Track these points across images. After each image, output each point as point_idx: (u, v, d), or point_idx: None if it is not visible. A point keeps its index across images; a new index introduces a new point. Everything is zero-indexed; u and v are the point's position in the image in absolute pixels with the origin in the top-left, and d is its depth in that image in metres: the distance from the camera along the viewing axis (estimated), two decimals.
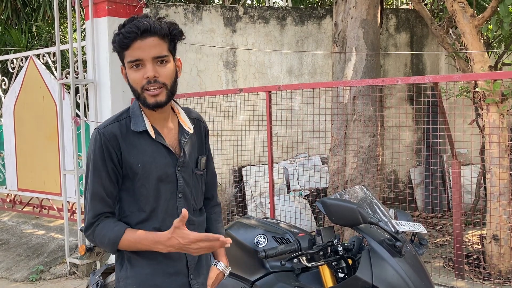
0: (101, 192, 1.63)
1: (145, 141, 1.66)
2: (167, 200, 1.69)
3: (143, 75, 1.57)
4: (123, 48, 1.58)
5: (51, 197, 5.82)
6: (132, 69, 1.59)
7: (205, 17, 5.88)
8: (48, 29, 9.15)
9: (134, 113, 1.68)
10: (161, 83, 1.59)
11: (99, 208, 1.64)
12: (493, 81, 3.47)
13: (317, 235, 2.12)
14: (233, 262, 2.42)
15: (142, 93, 1.60)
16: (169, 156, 1.68)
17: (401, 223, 2.07)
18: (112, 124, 1.65)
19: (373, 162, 4.44)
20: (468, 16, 3.81)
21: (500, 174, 3.58)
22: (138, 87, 1.59)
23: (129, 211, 1.68)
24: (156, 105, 1.61)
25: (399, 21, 6.69)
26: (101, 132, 1.63)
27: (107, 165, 1.62)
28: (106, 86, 5.13)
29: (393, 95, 5.68)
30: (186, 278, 1.72)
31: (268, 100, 4.21)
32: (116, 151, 1.63)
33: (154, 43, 1.58)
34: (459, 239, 3.58)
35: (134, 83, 1.60)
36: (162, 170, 1.66)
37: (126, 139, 1.64)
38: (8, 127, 6.27)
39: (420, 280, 1.96)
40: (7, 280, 4.90)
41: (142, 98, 1.61)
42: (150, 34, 1.57)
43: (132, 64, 1.58)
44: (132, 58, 1.57)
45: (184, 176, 1.71)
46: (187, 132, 1.74)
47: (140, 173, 1.65)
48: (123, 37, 1.56)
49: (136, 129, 1.65)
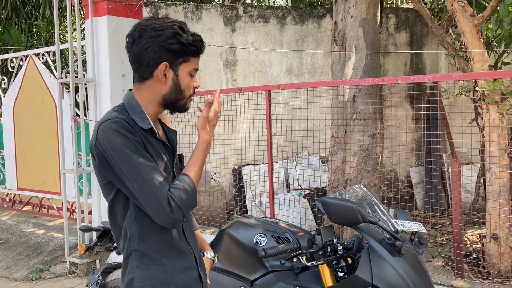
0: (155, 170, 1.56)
1: (151, 138, 1.67)
2: None
3: (193, 83, 1.71)
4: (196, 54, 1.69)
5: (50, 196, 5.82)
6: (189, 76, 1.69)
7: (205, 16, 5.88)
8: (48, 28, 9.15)
9: (135, 110, 1.65)
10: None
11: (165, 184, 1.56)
12: (493, 80, 3.47)
13: (317, 234, 2.12)
14: (233, 261, 2.43)
15: (187, 98, 1.72)
16: (167, 152, 1.73)
17: (400, 222, 2.07)
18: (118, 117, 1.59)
19: (373, 162, 4.44)
20: (468, 15, 3.81)
21: (499, 173, 3.58)
22: (188, 93, 1.71)
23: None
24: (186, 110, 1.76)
25: (399, 20, 6.69)
26: (117, 121, 1.56)
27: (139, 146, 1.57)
28: (105, 85, 5.13)
29: (393, 95, 5.68)
30: (197, 271, 1.77)
31: (268, 99, 4.21)
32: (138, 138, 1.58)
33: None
34: (458, 238, 3.58)
35: (187, 89, 1.70)
36: (166, 166, 1.70)
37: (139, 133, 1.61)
38: (7, 126, 6.27)
39: (420, 279, 1.96)
40: (7, 279, 4.91)
41: (184, 102, 1.72)
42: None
43: (194, 72, 1.70)
44: (197, 67, 1.71)
45: (176, 172, 1.77)
46: (174, 130, 1.82)
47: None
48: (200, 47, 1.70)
49: (143, 126, 1.63)
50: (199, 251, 1.87)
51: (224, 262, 2.45)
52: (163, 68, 1.63)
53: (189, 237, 1.78)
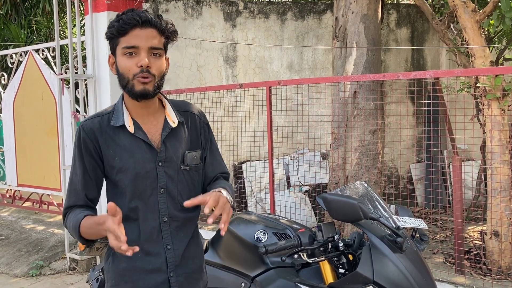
0: (75, 185, 1.68)
1: (124, 136, 1.65)
2: (148, 196, 1.66)
3: (137, 63, 1.57)
4: (120, 33, 1.57)
5: (50, 192, 5.81)
6: (125, 56, 1.58)
7: (205, 11, 5.86)
8: (48, 24, 9.12)
9: (117, 108, 1.69)
10: (151, 74, 1.59)
11: (72, 201, 1.69)
12: (494, 77, 3.46)
13: (318, 231, 2.11)
14: (233, 258, 2.42)
15: (131, 80, 1.59)
16: (149, 151, 1.66)
17: (401, 219, 2.06)
18: (92, 119, 1.68)
19: (374, 158, 4.43)
20: (469, 11, 3.79)
21: (501, 169, 3.57)
22: (130, 74, 1.58)
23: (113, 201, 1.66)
24: (143, 93, 1.59)
25: (400, 16, 6.66)
26: (81, 127, 1.68)
27: (84, 159, 1.66)
28: (105, 81, 5.12)
29: (394, 91, 5.66)
30: (165, 275, 1.68)
31: (268, 95, 4.19)
32: (95, 144, 1.65)
33: (152, 34, 1.59)
34: (459, 234, 3.58)
35: (125, 70, 1.59)
36: (141, 165, 1.65)
37: (106, 133, 1.65)
38: (7, 122, 6.26)
39: (421, 276, 1.95)
40: (7, 276, 4.91)
41: (130, 85, 1.59)
42: (150, 25, 1.58)
43: (126, 50, 1.57)
44: (128, 44, 1.57)
45: (167, 171, 1.68)
46: (170, 126, 1.70)
47: (117, 167, 1.65)
48: (123, 23, 1.56)
49: (115, 123, 1.65)
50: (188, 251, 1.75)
51: (224, 258, 2.44)
52: (109, 60, 1.68)
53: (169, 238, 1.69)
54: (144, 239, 1.66)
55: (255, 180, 5.41)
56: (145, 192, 1.66)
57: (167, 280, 1.68)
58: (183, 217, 1.73)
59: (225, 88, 5.00)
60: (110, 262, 1.73)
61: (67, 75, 4.93)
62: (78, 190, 1.68)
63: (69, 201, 1.69)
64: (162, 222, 1.68)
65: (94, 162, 1.66)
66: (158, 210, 1.67)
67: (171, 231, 1.69)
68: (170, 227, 1.69)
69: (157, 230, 1.67)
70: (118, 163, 1.64)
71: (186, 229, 1.75)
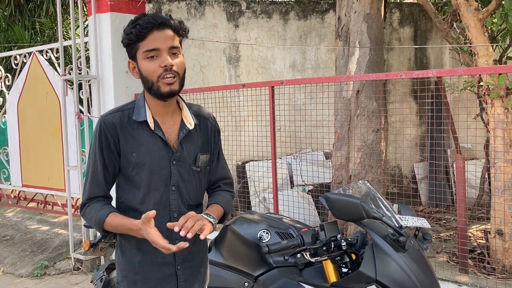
0: (97, 177, 1.73)
1: (143, 132, 1.72)
2: (160, 191, 1.74)
3: (160, 64, 1.63)
4: (139, 38, 1.63)
5: (55, 193, 5.83)
6: (147, 59, 1.64)
7: (208, 12, 5.87)
8: (51, 25, 9.16)
9: (138, 104, 1.75)
10: (176, 72, 1.66)
11: (93, 192, 1.74)
12: (497, 75, 3.45)
13: (321, 230, 2.11)
14: (237, 257, 2.43)
15: (157, 82, 1.65)
16: (165, 149, 1.73)
17: (404, 218, 2.06)
18: (114, 114, 1.73)
19: (377, 157, 4.43)
20: (472, 10, 3.78)
21: (504, 168, 3.57)
22: (155, 76, 1.64)
23: (124, 197, 1.77)
24: (171, 94, 1.67)
25: (402, 15, 6.65)
26: (102, 120, 1.72)
27: (104, 152, 1.71)
28: (109, 81, 5.13)
29: (397, 90, 5.65)
30: (173, 268, 1.77)
31: (271, 95, 4.20)
32: (115, 139, 1.71)
33: (169, 34, 1.66)
34: (463, 233, 3.57)
35: (149, 73, 1.65)
36: (156, 162, 1.71)
37: (126, 128, 1.71)
38: (12, 123, 6.29)
39: (424, 275, 1.95)
40: (12, 276, 4.93)
41: (156, 87, 1.66)
42: (166, 26, 1.65)
43: (148, 54, 1.63)
44: (149, 48, 1.63)
45: (179, 170, 1.75)
46: (187, 128, 1.78)
47: (134, 162, 1.71)
48: (141, 28, 1.62)
49: (137, 118, 1.71)
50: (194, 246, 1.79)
51: (227, 258, 2.45)
52: (129, 65, 1.75)
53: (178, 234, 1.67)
54: None
55: (258, 180, 5.41)
56: (159, 188, 1.73)
57: (174, 273, 1.77)
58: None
59: (228, 88, 5.01)
60: (119, 255, 1.81)
61: (71, 76, 4.95)
62: (100, 181, 1.73)
63: (90, 192, 1.74)
64: (172, 218, 1.74)
65: (112, 156, 1.72)
66: (169, 206, 1.75)
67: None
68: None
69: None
70: (135, 159, 1.71)
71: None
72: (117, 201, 1.81)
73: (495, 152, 3.62)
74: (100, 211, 1.70)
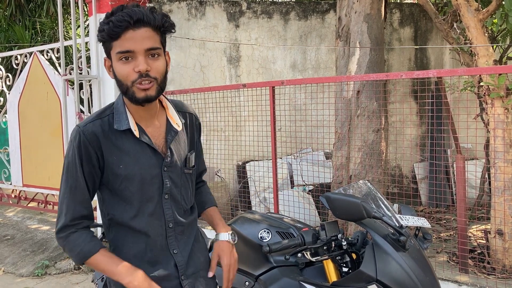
0: (81, 193, 1.54)
1: (128, 141, 1.55)
2: (153, 202, 1.60)
3: (134, 68, 1.46)
4: (112, 37, 1.45)
5: (55, 192, 5.84)
6: (121, 61, 1.47)
7: (208, 12, 5.87)
8: (52, 25, 9.17)
9: (118, 110, 1.57)
10: (152, 78, 1.47)
11: (78, 211, 1.54)
12: (498, 75, 3.46)
13: (321, 230, 2.12)
14: (237, 257, 2.43)
15: (131, 87, 1.48)
16: (154, 156, 1.58)
17: (405, 218, 2.07)
18: (93, 122, 1.54)
19: (377, 157, 4.44)
20: (472, 10, 3.78)
21: (504, 168, 3.57)
22: (128, 81, 1.47)
23: (112, 213, 1.60)
24: (146, 100, 1.49)
25: (403, 16, 6.66)
26: (81, 131, 1.53)
27: (84, 167, 1.53)
28: (109, 81, 5.14)
29: (397, 90, 5.66)
30: (177, 280, 1.64)
31: (272, 95, 4.20)
32: (97, 151, 1.53)
33: (147, 34, 1.45)
34: (463, 233, 3.57)
35: (123, 77, 1.48)
36: (147, 172, 1.57)
37: (108, 138, 1.54)
38: (12, 123, 6.30)
39: (424, 275, 1.96)
40: (13, 275, 4.94)
41: (131, 92, 1.49)
42: (143, 24, 1.45)
43: (121, 55, 1.45)
44: (122, 49, 1.44)
45: (171, 176, 1.62)
46: (175, 129, 1.63)
47: (122, 175, 1.55)
48: (114, 26, 1.43)
49: (119, 127, 1.53)
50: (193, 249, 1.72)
51: None
52: (105, 63, 1.58)
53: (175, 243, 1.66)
54: (151, 248, 1.61)
55: (259, 180, 5.42)
56: (152, 199, 1.60)
57: (179, 284, 1.65)
58: (186, 221, 1.70)
59: (229, 88, 5.02)
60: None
61: (72, 75, 4.96)
62: (85, 198, 1.55)
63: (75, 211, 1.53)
64: (168, 228, 1.63)
65: (93, 172, 1.54)
66: (163, 216, 1.62)
67: (176, 236, 1.66)
68: (175, 232, 1.66)
69: (163, 237, 1.63)
70: (123, 171, 1.55)
71: (189, 231, 1.73)
72: (104, 218, 1.63)
73: (495, 152, 3.62)
74: (90, 243, 1.52)
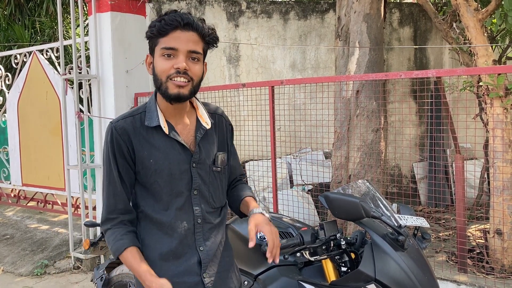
0: (114, 186, 1.63)
1: (158, 137, 1.63)
2: (183, 197, 1.65)
3: (173, 64, 1.54)
4: (161, 34, 1.55)
5: (55, 192, 5.84)
6: (163, 57, 1.55)
7: (208, 11, 5.88)
8: (51, 25, 9.16)
9: (150, 108, 1.66)
10: (189, 77, 1.56)
11: (111, 204, 1.64)
12: (497, 75, 3.46)
13: (320, 229, 2.12)
14: (236, 256, 2.43)
15: (166, 82, 1.56)
16: (183, 152, 1.65)
17: (404, 217, 2.07)
18: (125, 119, 1.64)
19: (376, 157, 4.44)
20: (472, 10, 3.79)
21: (503, 168, 3.58)
22: (164, 75, 1.55)
23: (143, 205, 1.67)
24: (178, 97, 1.57)
25: (402, 15, 6.66)
26: (113, 126, 1.63)
27: (117, 160, 1.62)
28: (109, 81, 5.14)
29: (397, 90, 5.66)
30: (198, 276, 1.67)
31: (271, 95, 4.20)
32: (128, 145, 1.62)
33: (192, 38, 1.56)
34: (462, 233, 3.58)
35: (161, 71, 1.56)
36: (176, 167, 1.63)
37: (139, 134, 1.62)
38: (12, 122, 6.30)
39: (423, 274, 1.96)
40: (12, 275, 4.94)
41: (164, 87, 1.57)
42: (191, 28, 1.56)
43: (165, 51, 1.55)
44: (167, 45, 1.54)
45: (200, 173, 1.67)
46: (204, 127, 1.70)
47: (152, 169, 1.62)
48: (165, 23, 1.54)
49: (150, 124, 1.62)
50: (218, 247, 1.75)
51: None
52: (146, 59, 1.66)
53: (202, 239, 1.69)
54: (178, 242, 1.65)
55: (258, 179, 5.42)
56: (181, 194, 1.65)
57: (200, 281, 1.67)
58: (215, 220, 1.74)
59: (228, 88, 5.02)
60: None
61: (71, 75, 4.96)
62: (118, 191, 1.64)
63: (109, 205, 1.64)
64: (196, 223, 1.67)
65: (127, 165, 1.63)
66: (192, 212, 1.66)
67: (204, 233, 1.69)
68: (203, 229, 1.69)
69: (191, 232, 1.66)
70: (153, 165, 1.62)
71: (217, 231, 1.75)
72: (135, 210, 1.70)
73: (494, 152, 3.63)
74: (119, 241, 1.60)
